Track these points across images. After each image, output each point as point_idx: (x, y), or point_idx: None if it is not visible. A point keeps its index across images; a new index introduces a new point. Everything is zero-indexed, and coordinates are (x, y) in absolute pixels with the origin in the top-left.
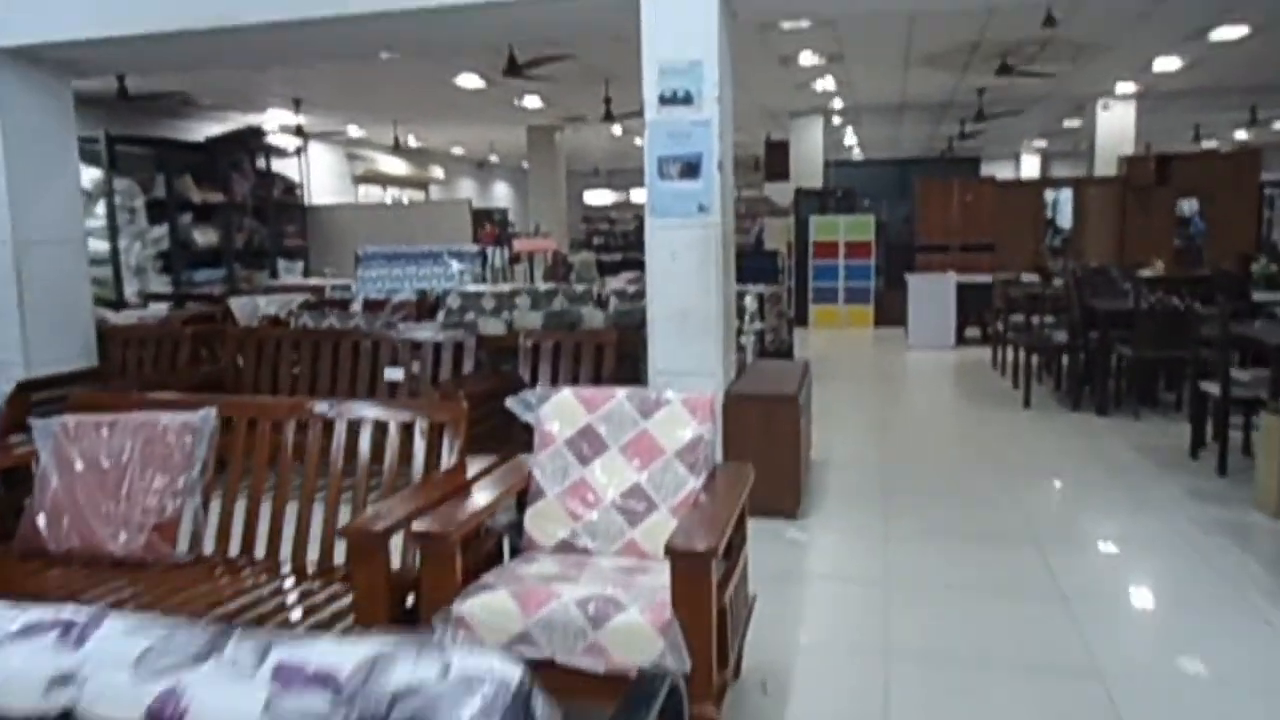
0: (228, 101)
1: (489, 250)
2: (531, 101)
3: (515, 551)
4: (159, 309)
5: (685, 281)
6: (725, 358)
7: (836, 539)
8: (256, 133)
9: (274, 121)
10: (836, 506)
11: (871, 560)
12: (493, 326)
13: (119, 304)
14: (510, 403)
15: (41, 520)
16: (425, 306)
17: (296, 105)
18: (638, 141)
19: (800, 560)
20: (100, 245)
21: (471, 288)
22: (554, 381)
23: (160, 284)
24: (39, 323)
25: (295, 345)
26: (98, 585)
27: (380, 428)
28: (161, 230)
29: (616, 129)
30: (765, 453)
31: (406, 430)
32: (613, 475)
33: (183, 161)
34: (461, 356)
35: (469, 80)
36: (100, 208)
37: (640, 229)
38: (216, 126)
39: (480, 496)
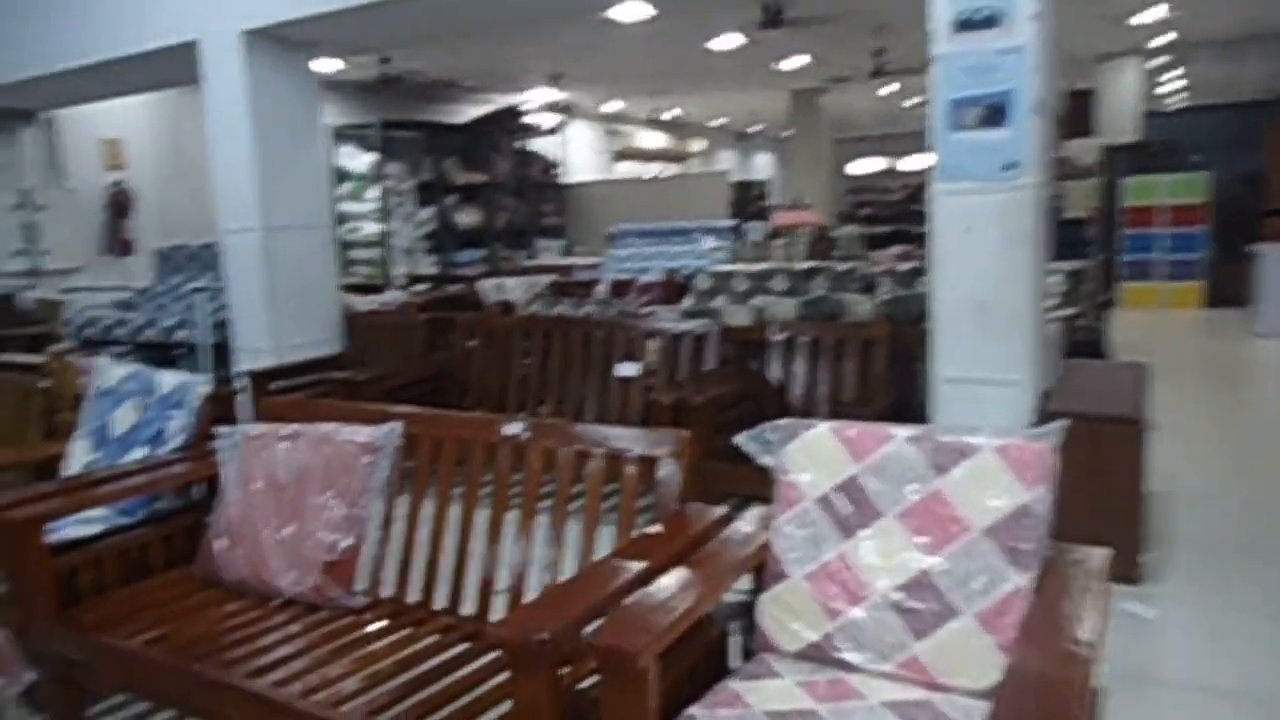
0: (489, 83)
1: (746, 226)
2: (793, 63)
3: (745, 654)
4: (396, 296)
5: (984, 263)
6: (1040, 363)
7: (1198, 618)
8: (515, 113)
9: (535, 100)
10: (1192, 565)
11: (1252, 659)
12: (739, 315)
13: (385, 286)
14: (742, 441)
15: (218, 545)
16: (673, 287)
17: (555, 81)
18: (907, 103)
19: (1146, 651)
20: (372, 228)
21: (723, 267)
22: (810, 387)
23: (428, 265)
24: (286, 309)
25: (525, 334)
26: (262, 633)
27: (580, 456)
28: (429, 212)
29: (884, 89)
30: (1092, 492)
31: (613, 462)
32: (888, 556)
33: (448, 144)
34: (702, 350)
35: (727, 41)
36: (374, 192)
37: (911, 198)
38: (479, 108)
39: (694, 581)
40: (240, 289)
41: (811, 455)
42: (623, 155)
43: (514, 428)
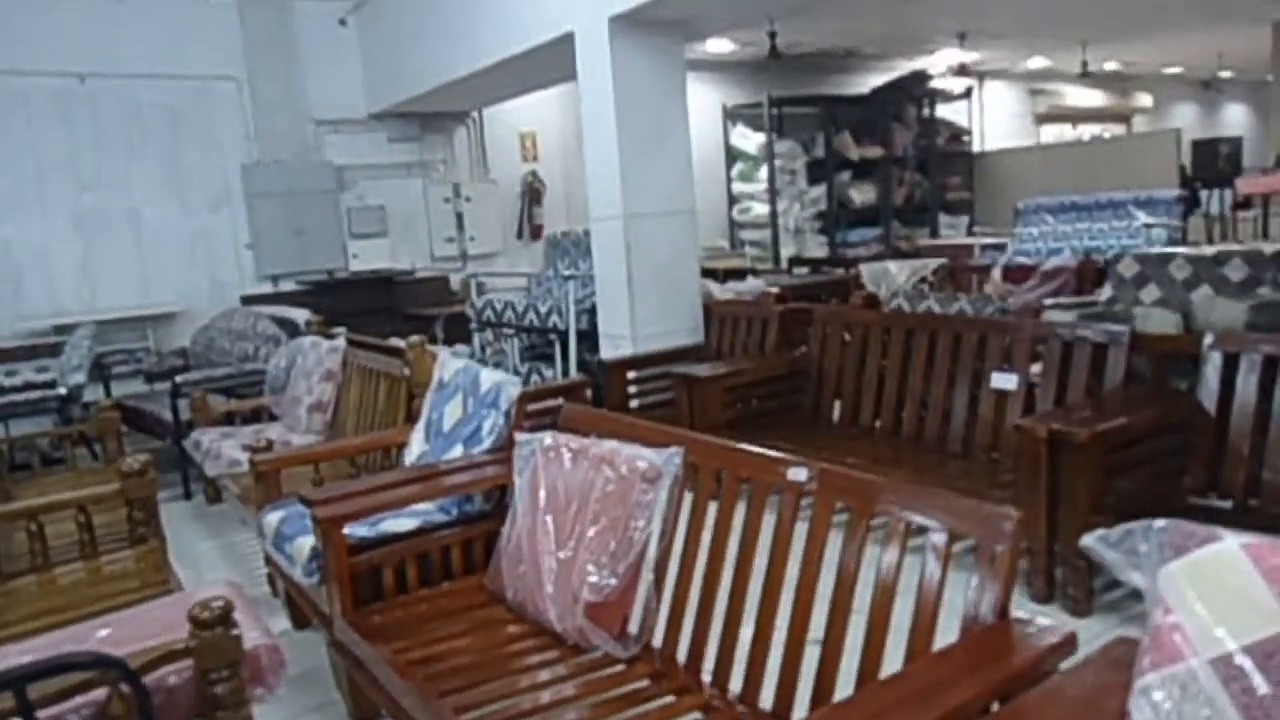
0: (892, 48)
1: (1202, 195)
2: None
3: None
4: (755, 285)
5: None
6: None
7: None
8: (920, 78)
9: (943, 63)
10: None
11: None
12: (1157, 320)
13: (764, 270)
14: (1093, 545)
15: (506, 559)
16: (1086, 274)
17: (964, 40)
18: None
19: None
20: (761, 209)
21: (1158, 250)
22: (1262, 428)
23: (817, 246)
24: (645, 297)
25: (887, 331)
26: (526, 670)
27: (864, 517)
28: (820, 190)
29: None
30: None
31: (906, 534)
32: None
33: (844, 117)
34: (1104, 363)
35: None
36: (763, 172)
37: None
38: (881, 77)
39: None
40: (605, 276)
41: (1210, 587)
42: (1048, 117)
43: (799, 473)
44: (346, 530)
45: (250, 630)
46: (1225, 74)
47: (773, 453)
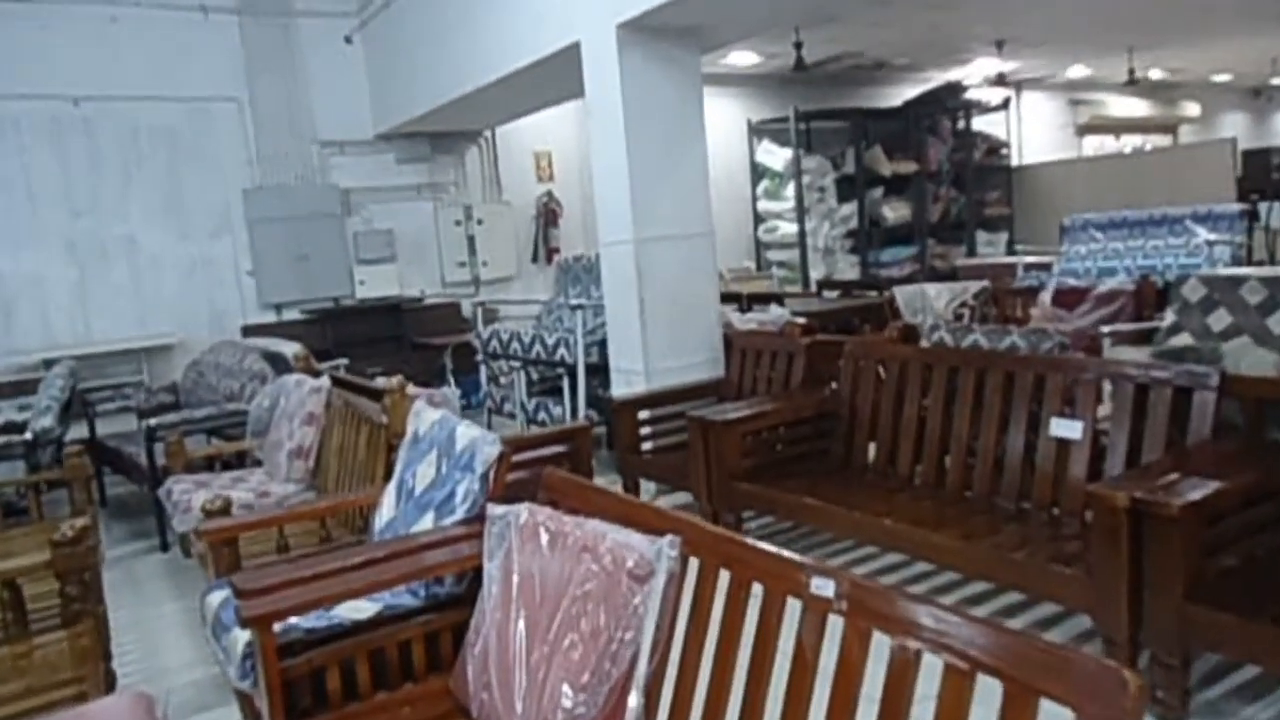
0: (925, 58)
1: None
2: None
3: None
4: (779, 313)
5: None
6: None
7: None
8: (955, 89)
9: (978, 73)
10: None
11: None
12: (1251, 358)
13: (790, 293)
14: None
15: (472, 659)
16: (1146, 298)
17: (1002, 48)
18: None
19: None
20: (789, 228)
21: (1226, 270)
22: None
23: (848, 266)
24: (659, 328)
25: (928, 367)
26: None
27: (906, 654)
28: (850, 208)
29: None
30: None
31: (957, 680)
32: None
33: (875, 131)
34: (1187, 410)
35: None
36: (790, 189)
37: None
38: (913, 89)
39: None
40: (616, 305)
41: None
42: (1089, 129)
43: (825, 586)
44: (293, 621)
45: None
46: (1277, 80)
47: (790, 554)
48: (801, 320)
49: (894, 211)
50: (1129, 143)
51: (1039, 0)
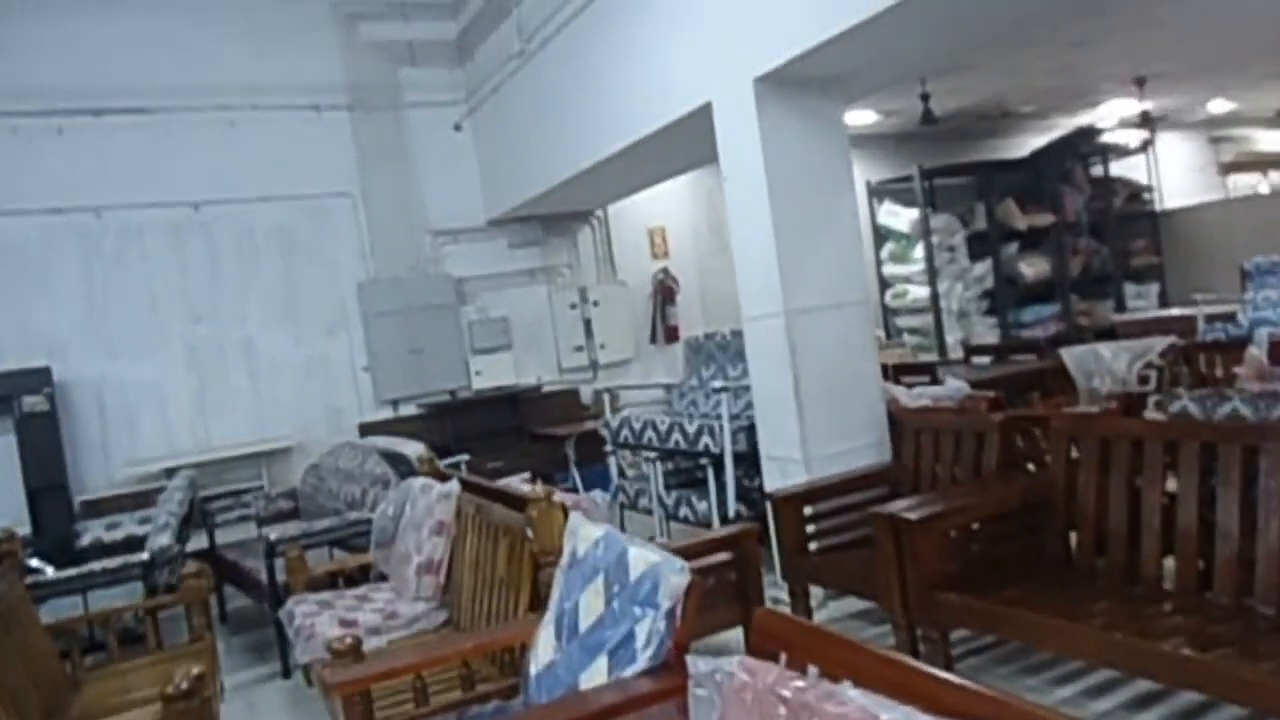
0: (1052, 103)
1: None
2: None
3: None
4: (957, 387)
5: None
6: None
7: None
8: (1088, 134)
9: (1109, 115)
10: None
11: None
12: None
13: (939, 361)
14: None
15: None
16: None
17: (1140, 86)
18: None
19: None
20: (919, 291)
21: None
22: None
23: (985, 328)
24: (818, 410)
25: (1167, 448)
26: None
27: None
28: (984, 266)
29: None
30: None
31: None
32: None
33: (1004, 184)
34: None
35: None
36: (918, 250)
37: None
38: (1037, 138)
39: None
40: (764, 385)
41: None
42: (1234, 166)
43: None
44: None
45: None
46: None
47: None
48: (989, 394)
49: (1031, 267)
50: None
51: (1186, 32)
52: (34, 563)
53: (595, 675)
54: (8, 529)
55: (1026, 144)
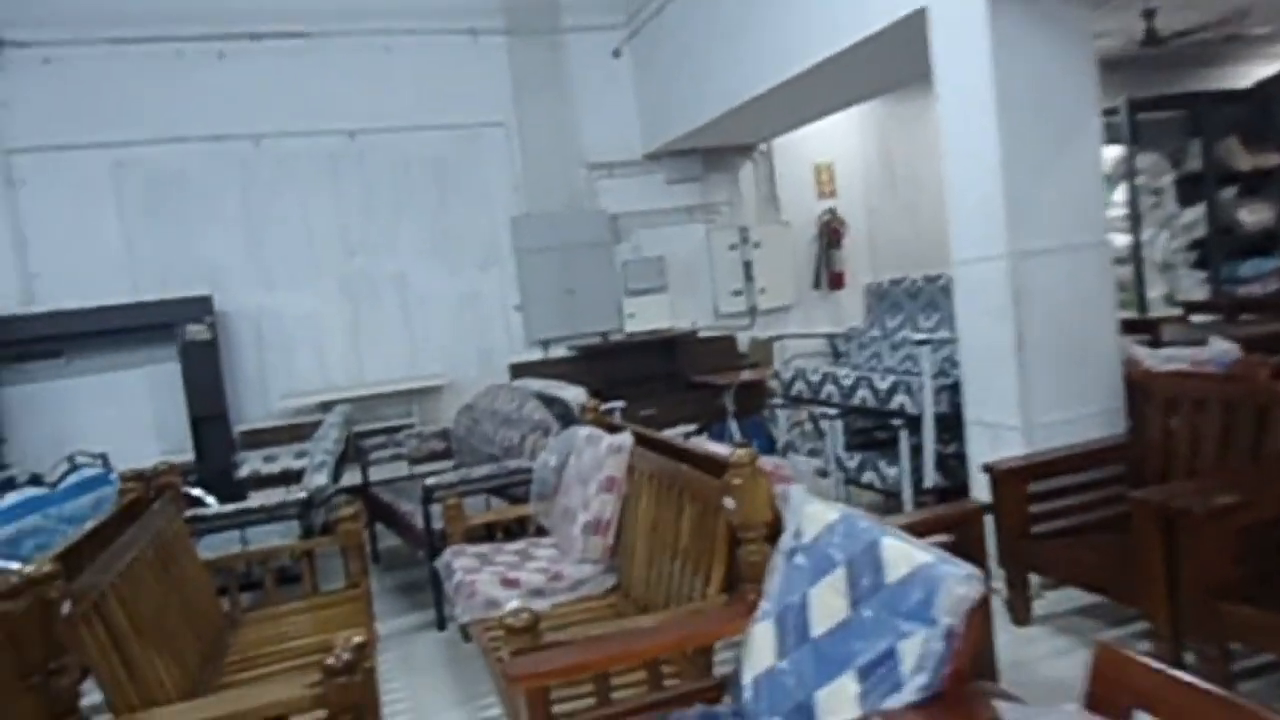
0: None
1: None
2: None
3: None
4: (1223, 349)
5: None
6: None
7: None
8: None
9: None
10: None
11: None
12: None
13: (1139, 319)
14: None
15: None
16: None
17: None
18: None
19: None
20: (1120, 239)
21: None
22: None
23: (1193, 283)
24: (1042, 370)
25: None
26: None
27: None
28: (1195, 213)
29: None
30: None
31: None
32: None
33: (1224, 120)
34: None
35: None
36: (1119, 193)
37: None
38: (1267, 66)
39: None
40: (975, 340)
41: None
42: None
43: None
44: None
45: None
46: None
47: None
48: (1269, 359)
49: (1252, 215)
50: None
51: None
52: (196, 492)
53: (839, 695)
54: (166, 460)
55: (1246, 74)
